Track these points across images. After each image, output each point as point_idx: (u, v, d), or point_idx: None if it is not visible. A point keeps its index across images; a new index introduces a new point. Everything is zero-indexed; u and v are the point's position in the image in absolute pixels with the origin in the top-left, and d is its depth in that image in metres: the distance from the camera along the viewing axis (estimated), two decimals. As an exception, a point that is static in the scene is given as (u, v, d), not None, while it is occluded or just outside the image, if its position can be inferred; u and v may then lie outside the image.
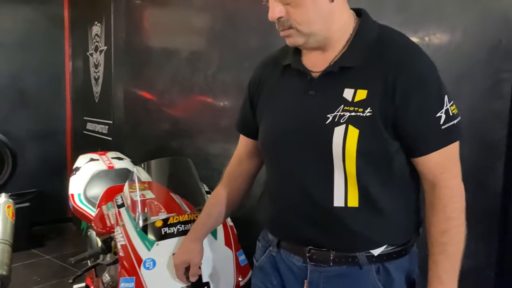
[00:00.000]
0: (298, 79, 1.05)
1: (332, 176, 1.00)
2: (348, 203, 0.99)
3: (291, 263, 1.09)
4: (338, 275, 1.04)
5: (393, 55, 0.97)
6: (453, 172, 1.00)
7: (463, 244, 0.99)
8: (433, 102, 0.96)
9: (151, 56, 2.89)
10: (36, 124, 4.21)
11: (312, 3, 0.96)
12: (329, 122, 0.98)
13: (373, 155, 0.99)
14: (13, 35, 4.09)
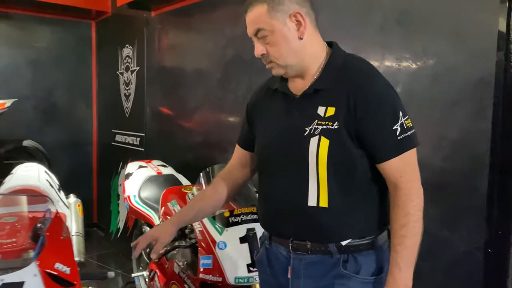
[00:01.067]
0: (284, 100, 1.26)
1: (307, 180, 1.17)
2: (319, 204, 1.16)
3: (279, 253, 1.28)
4: (314, 262, 1.20)
5: (354, 79, 1.16)
6: (410, 176, 1.15)
7: (420, 237, 1.15)
8: (388, 117, 1.13)
9: (184, 77, 3.29)
10: (66, 136, 4.57)
11: (285, 42, 1.17)
12: (306, 134, 1.17)
13: (341, 161, 1.15)
14: (48, 54, 4.49)
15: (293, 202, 1.20)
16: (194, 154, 3.19)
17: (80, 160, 4.69)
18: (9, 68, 4.29)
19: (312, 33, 1.20)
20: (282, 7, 1.17)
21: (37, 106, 4.39)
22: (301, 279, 1.21)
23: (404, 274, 1.12)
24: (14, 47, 4.33)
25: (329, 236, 1.19)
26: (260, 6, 1.17)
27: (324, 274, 1.19)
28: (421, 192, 1.17)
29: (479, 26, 1.67)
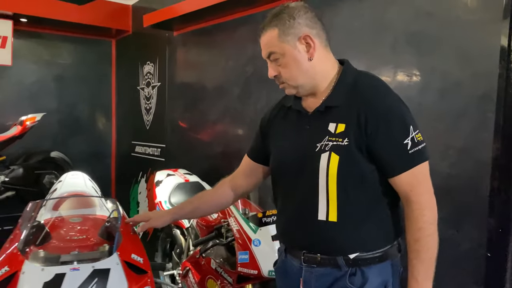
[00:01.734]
0: (297, 117, 1.30)
1: (318, 195, 1.20)
2: (329, 218, 1.19)
3: (292, 265, 1.31)
4: (324, 274, 1.23)
5: (364, 95, 1.18)
6: (421, 189, 1.16)
7: (435, 250, 1.16)
8: (399, 132, 1.15)
9: (205, 92, 3.53)
10: (87, 147, 4.82)
11: (295, 64, 1.22)
12: (317, 150, 1.20)
13: (350, 177, 1.17)
14: (72, 70, 4.76)
15: (304, 216, 1.24)
16: (214, 163, 3.41)
17: (100, 170, 4.90)
18: (37, 83, 4.56)
19: (322, 53, 1.24)
20: (293, 30, 1.21)
21: (61, 119, 4.64)
22: None
23: (422, 286, 1.15)
24: (42, 64, 4.61)
25: (337, 249, 1.21)
26: (271, 30, 1.23)
27: (332, 286, 1.22)
28: (433, 205, 1.18)
29: (482, 47, 1.89)
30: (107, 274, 1.30)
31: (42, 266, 1.29)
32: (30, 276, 1.26)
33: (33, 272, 1.27)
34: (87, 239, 1.58)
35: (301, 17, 1.22)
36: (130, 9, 4.64)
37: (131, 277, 1.34)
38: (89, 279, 1.27)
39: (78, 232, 1.63)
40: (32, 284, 1.25)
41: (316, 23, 1.24)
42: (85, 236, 1.61)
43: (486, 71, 1.88)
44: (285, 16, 1.22)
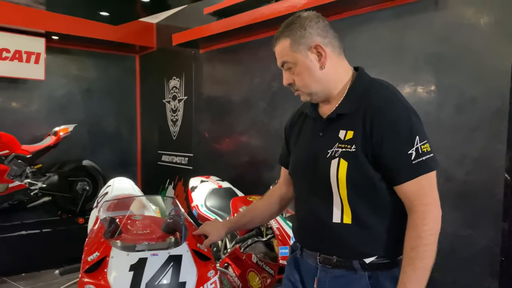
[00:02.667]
0: (313, 123, 1.34)
1: (332, 198, 1.22)
2: (343, 221, 1.21)
3: (307, 264, 1.34)
4: (339, 276, 1.24)
5: (372, 104, 1.19)
6: (425, 200, 1.14)
7: (431, 261, 1.13)
8: (403, 142, 1.14)
9: (231, 106, 3.79)
10: (114, 156, 5.07)
11: (307, 73, 1.25)
12: (328, 156, 1.22)
13: (359, 183, 1.18)
14: (98, 84, 5.04)
15: (320, 219, 1.27)
16: (241, 172, 3.65)
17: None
18: (66, 96, 4.84)
19: (335, 61, 1.26)
20: (304, 40, 1.24)
21: (90, 130, 4.90)
22: None
23: None
24: (71, 78, 4.89)
25: (353, 253, 1.23)
26: (284, 41, 1.27)
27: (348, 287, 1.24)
28: (437, 216, 1.16)
29: (495, 66, 2.13)
30: (180, 259, 1.53)
31: (127, 252, 1.52)
32: (118, 259, 1.50)
33: (120, 257, 1.50)
34: (152, 233, 1.81)
35: (312, 27, 1.25)
36: (154, 27, 4.94)
37: (198, 262, 1.57)
38: (166, 263, 1.50)
39: (142, 228, 1.86)
40: (120, 266, 1.48)
41: (328, 32, 1.26)
42: (149, 231, 1.84)
43: (499, 88, 2.11)
44: (296, 26, 1.25)
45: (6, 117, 4.42)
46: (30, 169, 4.22)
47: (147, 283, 1.47)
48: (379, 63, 2.63)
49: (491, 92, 2.16)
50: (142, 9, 3.61)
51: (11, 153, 4.04)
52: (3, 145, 3.99)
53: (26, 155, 4.15)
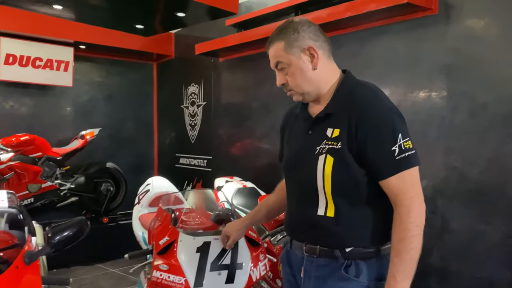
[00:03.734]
0: (304, 122, 1.41)
1: (317, 193, 1.29)
2: (327, 214, 1.29)
3: (295, 255, 1.42)
4: (323, 265, 1.32)
5: (357, 104, 1.26)
6: (409, 194, 1.21)
7: (417, 252, 1.20)
8: (387, 139, 1.21)
9: (251, 111, 4.02)
10: (132, 159, 5.27)
11: (300, 73, 1.32)
12: (316, 152, 1.30)
13: (343, 177, 1.26)
14: (119, 90, 5.28)
15: (306, 212, 1.35)
16: (260, 173, 3.87)
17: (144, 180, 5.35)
18: (90, 102, 5.07)
19: (325, 63, 1.34)
20: (297, 43, 1.31)
21: (111, 134, 5.11)
22: (311, 279, 1.35)
23: (399, 285, 1.19)
24: (94, 85, 5.12)
25: (334, 243, 1.30)
26: (278, 43, 1.33)
27: (330, 276, 1.31)
28: (421, 209, 1.22)
29: (505, 74, 2.36)
30: (237, 244, 1.76)
31: (193, 237, 1.75)
32: (186, 243, 1.73)
33: (187, 240, 1.73)
34: (203, 223, 2.04)
35: (305, 31, 1.32)
36: (173, 36, 5.19)
37: (250, 247, 1.81)
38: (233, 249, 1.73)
39: (193, 218, 2.09)
40: (188, 249, 1.71)
41: (319, 36, 1.34)
42: (200, 221, 2.07)
43: (508, 95, 2.35)
44: (290, 30, 1.33)
45: (36, 121, 4.66)
46: (60, 171, 4.43)
47: (211, 263, 1.70)
48: (395, 72, 2.88)
49: (501, 98, 2.39)
50: (176, 22, 3.85)
51: (43, 155, 4.26)
52: (37, 148, 4.21)
53: (56, 157, 4.36)
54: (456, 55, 2.61)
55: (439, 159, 2.66)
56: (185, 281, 1.66)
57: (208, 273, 1.68)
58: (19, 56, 4.35)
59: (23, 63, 4.39)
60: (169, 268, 1.68)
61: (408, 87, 2.83)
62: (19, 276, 1.27)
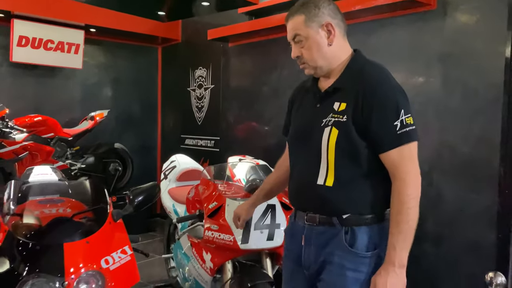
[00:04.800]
0: (313, 96, 1.47)
1: (320, 162, 1.36)
2: (326, 183, 1.36)
3: (298, 226, 1.48)
4: (322, 232, 1.39)
5: (365, 81, 1.34)
6: (406, 167, 1.28)
7: (414, 223, 1.28)
8: (390, 114, 1.28)
9: (260, 95, 4.29)
10: (137, 140, 5.49)
11: (316, 47, 1.38)
12: (322, 124, 1.36)
13: (345, 149, 1.32)
14: (126, 74, 5.45)
15: (307, 181, 1.42)
16: (268, 153, 4.16)
17: (148, 160, 5.63)
18: (98, 85, 5.25)
19: (340, 41, 1.41)
20: (317, 18, 1.38)
21: (117, 116, 5.29)
22: (311, 246, 1.42)
23: (399, 255, 1.27)
24: (102, 67, 5.29)
25: (332, 210, 1.37)
26: (298, 16, 1.40)
27: (328, 243, 1.38)
28: (416, 183, 1.30)
29: (493, 63, 2.65)
30: (275, 207, 2.08)
31: (238, 201, 2.05)
32: (232, 207, 2.03)
33: (234, 204, 2.04)
34: (238, 192, 2.35)
35: (325, 7, 1.40)
36: (180, 21, 5.35)
37: (284, 210, 2.12)
38: (266, 210, 2.05)
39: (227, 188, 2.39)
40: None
41: (337, 15, 1.42)
42: (235, 191, 2.37)
43: (497, 81, 2.67)
44: (311, 5, 1.40)
45: (44, 103, 4.80)
46: (70, 151, 4.62)
47: (255, 223, 2.01)
48: (398, 60, 3.20)
49: (490, 85, 2.74)
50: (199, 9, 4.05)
51: (55, 136, 4.44)
52: (49, 128, 4.39)
53: (67, 138, 4.55)
54: (452, 46, 2.95)
55: (435, 137, 3.02)
56: (233, 239, 1.97)
57: (252, 232, 1.99)
58: (32, 38, 4.47)
59: (35, 45, 4.52)
60: (219, 228, 1.99)
61: (409, 73, 3.17)
62: (112, 230, 1.55)
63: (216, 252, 2.06)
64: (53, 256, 1.38)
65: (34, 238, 1.42)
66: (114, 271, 1.42)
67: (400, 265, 1.28)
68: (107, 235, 1.51)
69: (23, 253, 1.37)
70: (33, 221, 1.55)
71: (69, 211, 1.70)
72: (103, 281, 1.39)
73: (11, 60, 4.40)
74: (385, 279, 1.26)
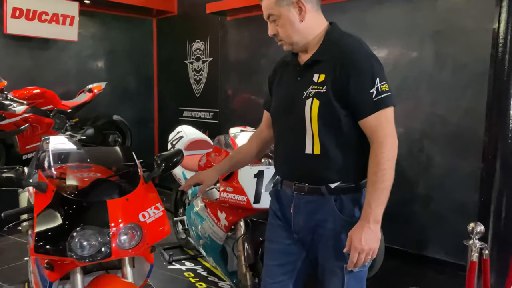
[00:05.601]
0: (293, 69, 1.51)
1: (305, 133, 1.41)
2: (314, 151, 1.41)
3: (285, 194, 1.54)
4: (311, 201, 1.45)
5: (341, 52, 1.39)
6: (383, 131, 1.34)
7: (389, 183, 1.34)
8: (366, 83, 1.34)
9: (259, 67, 4.40)
10: (134, 113, 5.55)
11: (289, 25, 1.42)
12: (304, 96, 1.41)
13: (327, 118, 1.37)
14: (120, 45, 5.46)
15: (294, 151, 1.46)
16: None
17: (145, 132, 5.72)
18: (93, 57, 5.26)
19: (313, 16, 1.44)
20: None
21: (113, 88, 5.30)
22: (300, 214, 1.49)
23: (374, 212, 1.34)
24: (97, 39, 5.29)
25: (321, 179, 1.43)
26: None
27: (318, 210, 1.45)
28: (393, 145, 1.36)
29: (481, 40, 2.87)
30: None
31: (250, 166, 2.23)
32: (244, 171, 2.23)
33: (246, 169, 2.22)
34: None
35: None
36: (175, -8, 5.37)
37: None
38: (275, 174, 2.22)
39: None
40: (247, 175, 2.22)
41: None
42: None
43: (483, 57, 2.88)
44: None
45: (41, 75, 4.79)
46: (70, 123, 4.69)
47: (265, 185, 2.20)
48: (393, 36, 3.38)
49: (478, 60, 2.95)
50: None
51: (54, 108, 4.50)
52: (47, 100, 4.42)
53: (66, 110, 4.61)
54: (444, 24, 3.13)
55: (427, 108, 3.24)
56: (247, 199, 2.17)
57: (263, 193, 2.19)
58: (26, 10, 4.43)
59: (30, 17, 4.48)
60: (234, 190, 2.18)
61: (404, 49, 3.35)
62: (145, 190, 1.72)
63: (230, 211, 2.26)
64: (97, 211, 1.54)
65: (79, 197, 1.58)
66: (150, 224, 1.60)
67: (375, 221, 1.34)
68: (142, 193, 1.67)
69: (71, 210, 1.53)
70: (76, 182, 1.71)
71: (99, 175, 1.85)
72: (141, 233, 1.56)
73: (5, 32, 4.38)
74: (361, 234, 1.33)
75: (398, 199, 3.22)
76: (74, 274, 1.58)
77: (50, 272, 1.57)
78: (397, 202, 3.21)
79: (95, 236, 1.49)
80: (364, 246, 1.33)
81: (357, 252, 1.34)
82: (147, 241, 1.58)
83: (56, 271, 1.56)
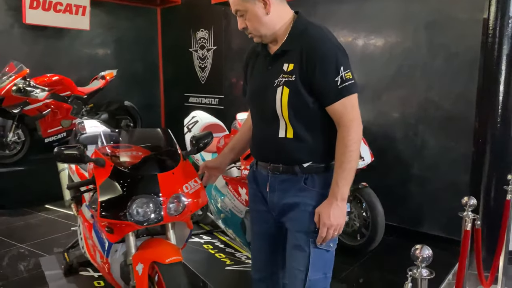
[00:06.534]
0: (263, 59, 1.59)
1: (278, 119, 1.51)
2: (287, 135, 1.51)
3: (261, 174, 1.64)
4: (285, 180, 1.56)
5: (307, 41, 1.46)
6: (349, 116, 1.44)
7: (355, 164, 1.46)
8: (331, 71, 1.42)
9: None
10: (141, 99, 5.80)
11: (256, 18, 1.48)
12: (275, 85, 1.49)
13: (297, 105, 1.46)
14: (128, 34, 5.70)
15: (269, 135, 1.55)
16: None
17: (152, 117, 5.97)
18: (102, 45, 5.50)
19: (278, 8, 1.50)
20: None
21: (122, 75, 5.53)
22: (276, 192, 1.59)
23: (341, 190, 1.44)
24: (106, 28, 5.51)
25: (294, 160, 1.52)
26: None
27: (291, 188, 1.55)
28: (358, 129, 1.46)
29: (471, 30, 3.13)
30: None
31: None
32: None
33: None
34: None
35: None
36: (180, -18, 5.57)
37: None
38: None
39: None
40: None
41: None
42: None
43: (473, 46, 3.17)
44: None
45: (55, 63, 5.05)
46: (85, 108, 4.94)
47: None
48: (389, 27, 3.65)
49: (468, 48, 3.23)
50: None
51: (71, 94, 4.74)
52: (65, 87, 4.68)
53: (82, 96, 4.86)
54: (437, 15, 3.41)
55: (421, 94, 3.54)
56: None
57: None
58: (42, 1, 4.67)
59: (46, 8, 4.71)
60: (254, 168, 2.47)
61: (399, 38, 3.63)
62: (185, 165, 2.01)
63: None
64: (150, 183, 1.82)
65: (133, 171, 1.87)
66: (192, 194, 1.89)
67: (342, 199, 1.45)
68: (183, 168, 1.96)
69: (127, 182, 1.82)
70: (128, 159, 1.99)
71: (140, 154, 2.13)
72: (186, 201, 1.87)
73: (24, 22, 4.59)
74: (329, 210, 1.44)
75: (395, 180, 3.60)
76: (128, 237, 1.88)
77: (110, 235, 1.87)
78: (395, 182, 3.59)
79: (150, 204, 1.78)
80: (333, 222, 1.44)
81: (325, 227, 1.45)
82: (190, 209, 1.88)
83: (115, 233, 1.86)
